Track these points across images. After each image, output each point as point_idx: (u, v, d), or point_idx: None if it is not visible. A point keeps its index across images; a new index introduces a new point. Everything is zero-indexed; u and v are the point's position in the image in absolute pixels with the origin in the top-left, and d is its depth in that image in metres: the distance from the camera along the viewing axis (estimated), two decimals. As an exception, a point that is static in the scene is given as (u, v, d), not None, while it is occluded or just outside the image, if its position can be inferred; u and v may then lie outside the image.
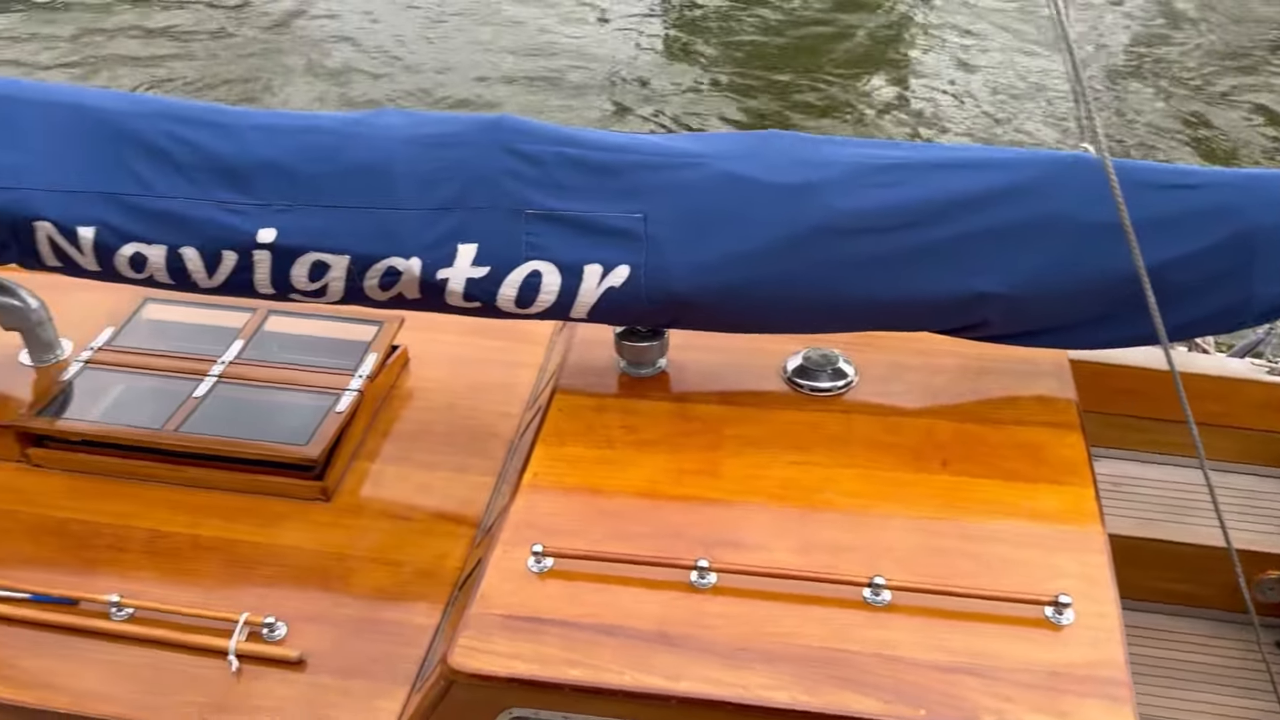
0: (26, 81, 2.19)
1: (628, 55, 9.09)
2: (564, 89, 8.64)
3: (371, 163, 2.02)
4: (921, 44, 9.10)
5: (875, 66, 8.74)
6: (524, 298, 2.03)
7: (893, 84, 8.48)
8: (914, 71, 8.64)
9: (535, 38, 9.44)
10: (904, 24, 9.50)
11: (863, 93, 8.38)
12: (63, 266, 2.13)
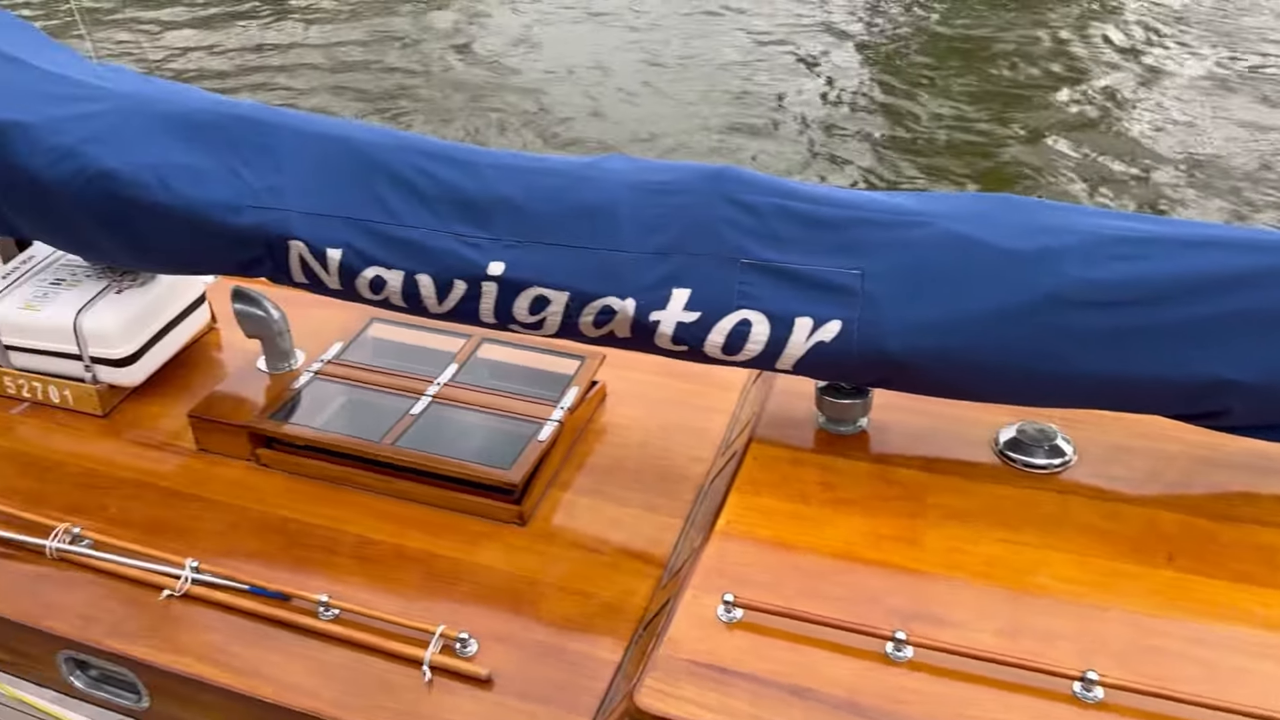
0: (292, 111, 2.38)
1: (837, 108, 9.08)
2: (772, 138, 8.72)
3: (597, 205, 2.09)
4: (1165, 107, 8.65)
5: (1105, 130, 8.39)
6: (732, 345, 2.04)
7: (1127, 151, 8.10)
8: (1153, 138, 8.22)
9: (746, 86, 9.59)
10: (1146, 82, 9.07)
11: (1091, 157, 8.04)
12: (309, 284, 2.30)
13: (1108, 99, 8.80)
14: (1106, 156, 7.92)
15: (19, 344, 2.69)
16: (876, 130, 8.63)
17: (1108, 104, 8.73)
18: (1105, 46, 9.97)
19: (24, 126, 2.29)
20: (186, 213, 2.21)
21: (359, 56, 10.74)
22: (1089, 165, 7.85)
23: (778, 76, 9.75)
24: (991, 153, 8.13)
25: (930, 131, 8.50)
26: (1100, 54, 9.77)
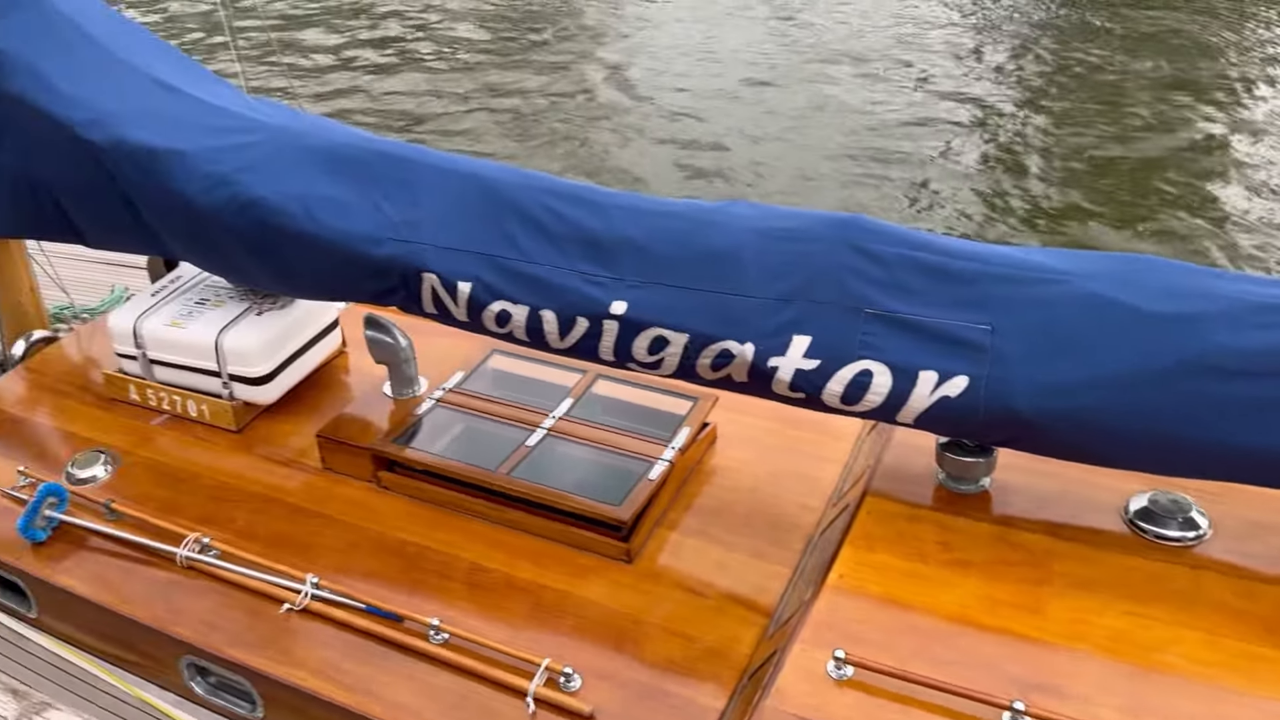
0: (430, 149, 2.48)
1: (970, 161, 8.94)
2: (900, 188, 8.64)
3: (722, 249, 2.10)
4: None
5: (1251, 194, 8.05)
6: (851, 395, 2.02)
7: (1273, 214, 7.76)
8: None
9: (877, 136, 9.53)
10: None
11: (1235, 221, 7.72)
12: (438, 314, 2.37)
13: (1262, 160, 8.44)
14: (1253, 219, 7.58)
15: (163, 359, 2.84)
16: (1010, 184, 8.47)
17: (1262, 166, 8.37)
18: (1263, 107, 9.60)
19: (182, 154, 2.44)
20: (329, 242, 2.31)
21: (494, 96, 11.09)
22: (1235, 227, 7.53)
23: (909, 126, 9.68)
24: (1132, 211, 7.88)
25: (1066, 187, 8.30)
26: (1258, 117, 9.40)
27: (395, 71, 11.83)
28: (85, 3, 2.77)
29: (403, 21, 13.75)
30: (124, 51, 2.64)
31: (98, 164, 2.52)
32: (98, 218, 2.73)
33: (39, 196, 2.77)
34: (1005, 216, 8.02)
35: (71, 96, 2.53)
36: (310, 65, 11.88)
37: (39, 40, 2.62)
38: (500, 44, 12.85)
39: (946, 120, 9.81)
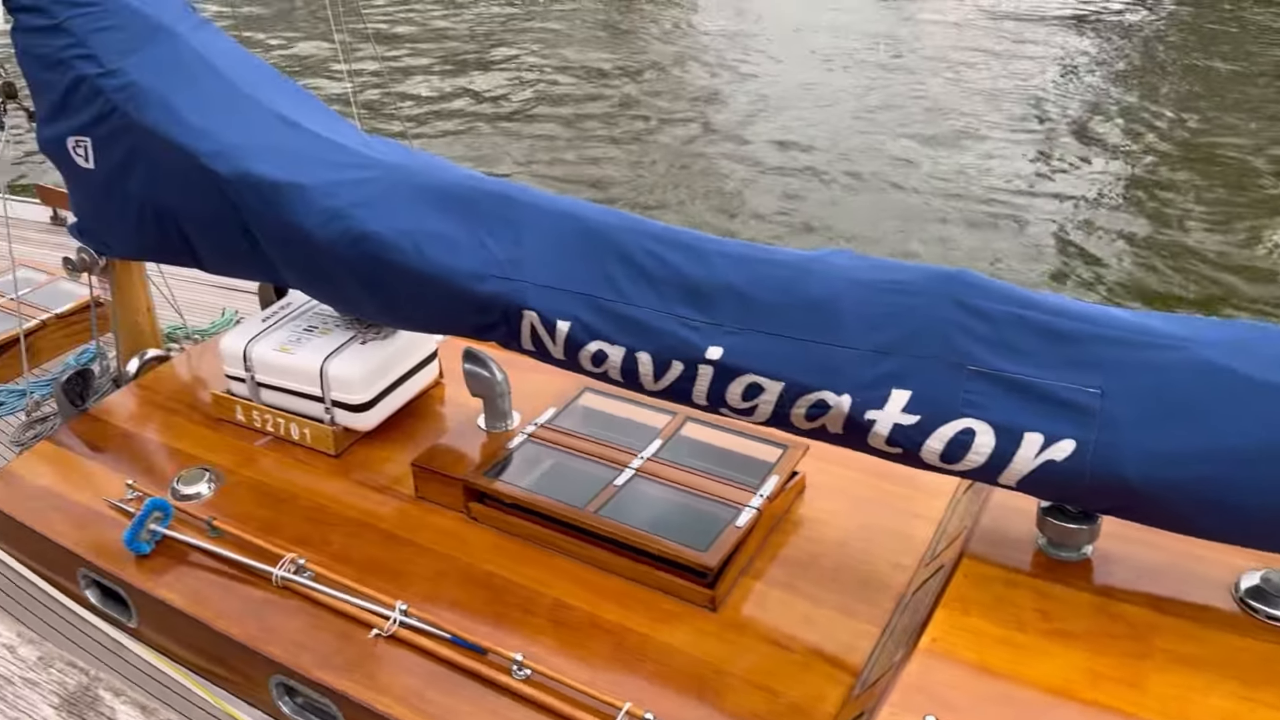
0: (536, 189, 2.53)
1: (1080, 219, 8.77)
2: (1008, 244, 8.50)
3: (821, 298, 2.09)
4: None
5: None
6: (951, 453, 1.98)
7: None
8: None
9: (985, 189, 9.42)
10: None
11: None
12: (535, 352, 2.41)
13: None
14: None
15: (270, 382, 2.94)
16: (1123, 245, 8.26)
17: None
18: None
19: (302, 188, 2.54)
20: (436, 277, 2.37)
21: (596, 141, 11.28)
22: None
23: (1016, 180, 9.53)
24: (1253, 276, 7.61)
25: (1183, 250, 8.05)
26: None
27: (502, 116, 12.13)
28: (215, 38, 2.92)
29: (511, 70, 14.12)
30: (250, 87, 2.77)
31: (221, 194, 2.64)
32: (217, 245, 2.85)
33: (163, 223, 2.91)
34: (1112, 277, 7.81)
35: (199, 129, 2.66)
36: (423, 111, 12.27)
37: (171, 74, 2.76)
38: (603, 93, 13.08)
39: (1058, 176, 9.64)
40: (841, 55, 13.81)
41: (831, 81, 12.73)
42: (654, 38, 15.51)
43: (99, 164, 2.89)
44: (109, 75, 2.74)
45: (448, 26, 16.18)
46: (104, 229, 3.10)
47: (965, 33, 14.85)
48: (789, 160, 10.30)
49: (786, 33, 15.24)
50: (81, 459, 2.94)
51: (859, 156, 10.30)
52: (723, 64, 13.78)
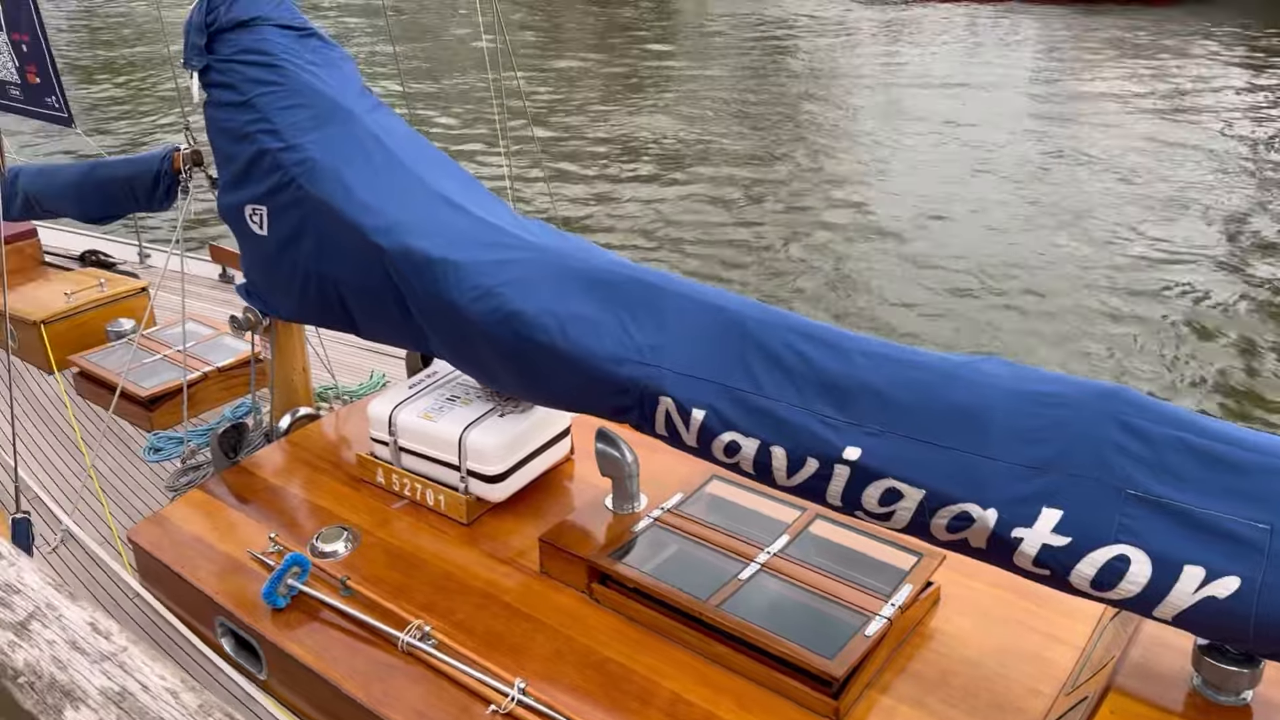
0: (679, 277, 2.56)
1: (1253, 337, 8.33)
2: (1172, 365, 8.14)
3: (969, 406, 2.03)
4: None
5: None
6: (1102, 580, 1.87)
7: None
8: None
9: (1150, 303, 9.09)
10: None
11: None
12: (668, 437, 2.41)
13: None
14: None
15: (411, 447, 3.03)
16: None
17: None
18: None
19: (456, 265, 2.64)
20: (577, 358, 2.42)
21: (741, 226, 11.42)
22: None
23: (1187, 298, 9.14)
24: None
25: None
26: None
27: (649, 199, 12.42)
28: (388, 119, 3.09)
29: (656, 153, 14.49)
30: (417, 167, 2.92)
31: (381, 266, 2.77)
32: (373, 313, 2.99)
33: (325, 289, 3.07)
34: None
35: (368, 204, 2.81)
36: (574, 195, 12.69)
37: (346, 152, 2.94)
38: (747, 181, 13.25)
39: (1230, 296, 9.18)
40: (996, 155, 13.64)
41: (984, 182, 12.57)
42: (804, 131, 15.68)
43: (272, 231, 3.09)
44: (289, 150, 2.94)
45: (602, 110, 16.77)
46: (270, 292, 3.29)
47: (1127, 134, 14.47)
48: (936, 259, 10.16)
49: (939, 129, 15.17)
50: (229, 509, 3.08)
51: (1012, 260, 10.07)
52: (873, 160, 13.79)
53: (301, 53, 3.07)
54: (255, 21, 3.06)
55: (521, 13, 26.30)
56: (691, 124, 15.65)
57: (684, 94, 17.83)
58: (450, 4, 27.86)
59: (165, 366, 4.47)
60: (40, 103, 4.67)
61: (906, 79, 18.89)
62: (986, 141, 14.34)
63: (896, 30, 24.25)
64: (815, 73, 19.74)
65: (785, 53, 21.71)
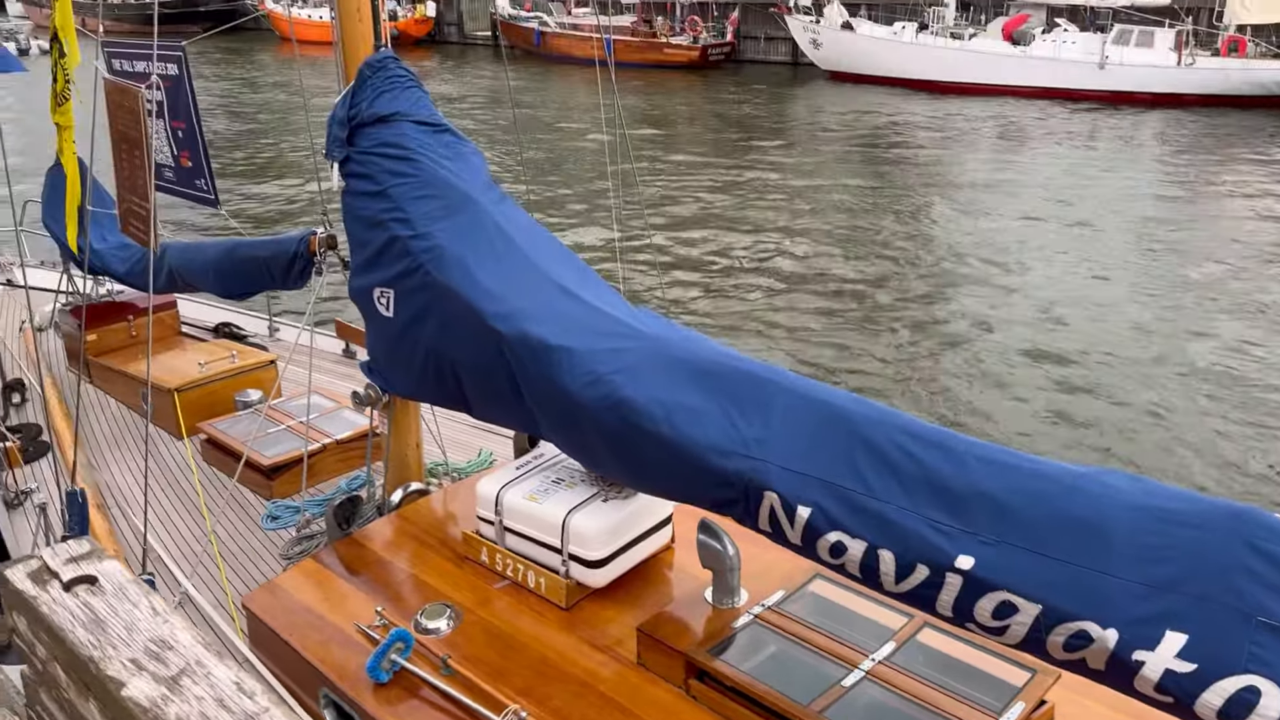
0: (788, 372, 2.57)
1: None
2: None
3: (1090, 520, 1.96)
4: None
5: None
6: (1230, 712, 1.75)
7: None
8: None
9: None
10: None
11: None
12: (771, 533, 2.39)
13: None
14: None
15: (516, 528, 3.07)
16: None
17: None
18: None
19: (570, 351, 2.71)
20: (682, 448, 2.44)
21: (849, 322, 11.36)
22: None
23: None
24: None
25: None
26: None
27: (758, 291, 12.49)
28: (513, 212, 3.23)
29: (767, 248, 14.62)
30: (538, 257, 3.03)
31: (498, 349, 2.86)
32: (487, 394, 3.08)
33: (443, 370, 3.18)
34: None
35: (490, 291, 2.92)
36: (686, 285, 12.87)
37: (472, 241, 3.07)
38: (857, 276, 13.22)
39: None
40: (1120, 258, 13.30)
41: (1109, 286, 12.25)
42: (918, 228, 15.62)
43: (397, 313, 3.22)
44: (419, 238, 3.09)
45: (715, 203, 17.05)
46: (391, 370, 3.42)
47: (1259, 234, 13.95)
48: (1055, 362, 9.89)
49: (1061, 231, 14.91)
50: (339, 579, 3.16)
51: (1140, 370, 9.74)
52: (990, 259, 13.60)
53: (435, 147, 3.24)
54: (394, 117, 3.25)
55: (641, 105, 27.12)
56: (803, 219, 15.76)
57: (797, 190, 18.01)
58: (572, 100, 28.96)
59: (287, 436, 4.66)
60: (191, 185, 5.02)
61: (1025, 179, 18.69)
62: (1112, 245, 14.01)
63: (1016, 131, 24.09)
64: (930, 171, 19.71)
65: (900, 149, 21.77)
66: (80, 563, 1.64)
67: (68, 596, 1.57)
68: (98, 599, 1.57)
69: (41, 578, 1.61)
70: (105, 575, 1.62)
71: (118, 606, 1.55)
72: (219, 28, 10.53)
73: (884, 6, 33.76)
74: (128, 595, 1.58)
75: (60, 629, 1.51)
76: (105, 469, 4.99)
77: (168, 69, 4.42)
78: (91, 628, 1.50)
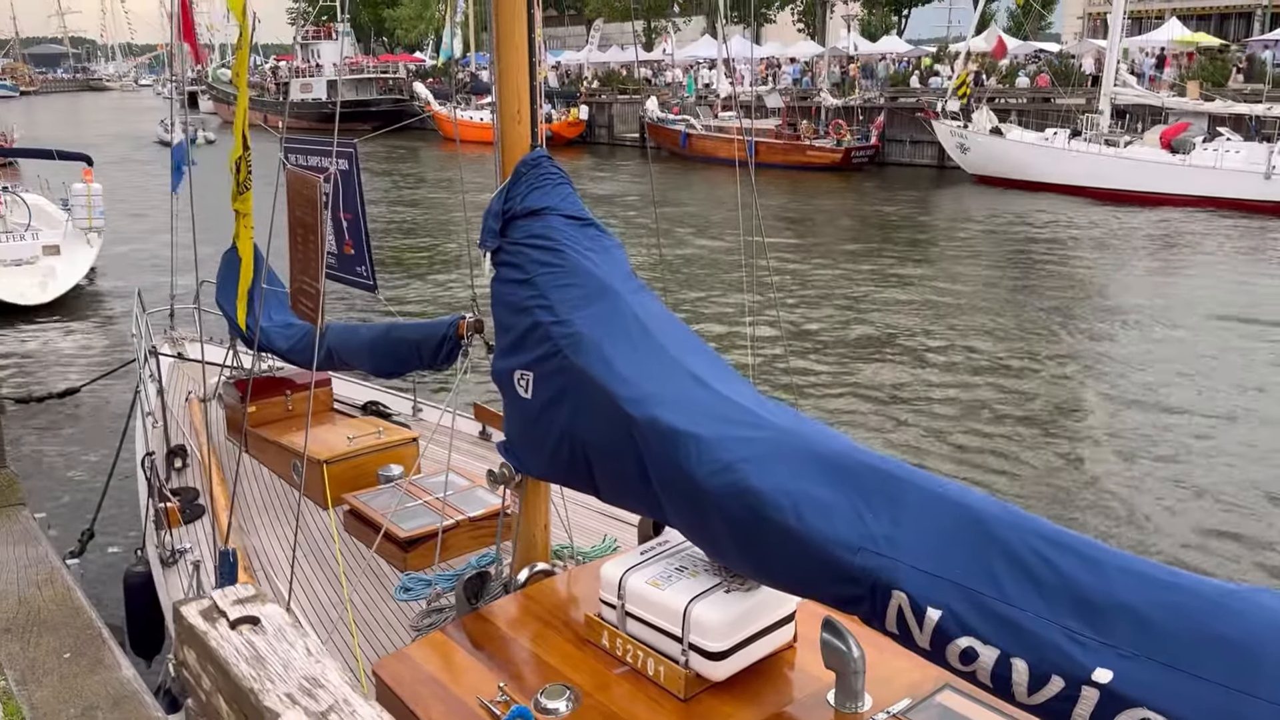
0: (920, 470, 2.53)
1: None
2: None
3: (1237, 640, 1.85)
4: None
5: None
6: None
7: None
8: None
9: None
10: None
11: None
12: (898, 635, 2.33)
13: None
14: None
15: (637, 614, 3.08)
16: None
17: None
18: None
19: (698, 438, 2.75)
20: (808, 541, 2.42)
21: (982, 427, 11.04)
22: None
23: None
24: None
25: None
26: None
27: (892, 390, 12.30)
28: (649, 301, 3.33)
29: (902, 346, 14.42)
30: (671, 345, 3.11)
31: (629, 434, 2.93)
32: (616, 477, 3.14)
33: (575, 451, 3.26)
34: None
35: (624, 377, 3.01)
36: (816, 381, 12.81)
37: (610, 328, 3.18)
38: (995, 381, 12.87)
39: None
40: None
41: (1265, 403, 11.52)
42: (1059, 337, 15.13)
43: (535, 395, 3.35)
44: (561, 324, 3.22)
45: (850, 301, 16.97)
46: (526, 450, 3.53)
47: None
48: (1203, 483, 9.32)
49: (1215, 347, 14.18)
50: (465, 654, 3.23)
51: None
52: (1133, 375, 13.02)
53: (580, 239, 3.40)
54: (545, 211, 3.44)
55: (781, 204, 27.42)
56: (940, 321, 15.47)
57: (937, 290, 17.74)
58: (713, 198, 29.55)
59: (424, 511, 4.83)
60: (353, 271, 5.36)
61: (1177, 291, 17.90)
62: (1269, 362, 13.20)
63: (1169, 238, 23.19)
64: (1074, 278, 19.12)
65: (1052, 254, 21.22)
66: (245, 604, 1.79)
67: (233, 634, 1.72)
68: (259, 638, 1.71)
69: (211, 615, 1.77)
70: (266, 617, 1.77)
71: (276, 645, 1.69)
72: (389, 127, 11.33)
73: (1035, 114, 33.38)
74: (285, 636, 1.72)
75: (226, 662, 1.65)
76: (254, 534, 5.26)
77: (339, 163, 4.79)
78: (253, 663, 1.64)
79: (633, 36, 60.86)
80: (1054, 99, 33.31)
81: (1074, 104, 31.43)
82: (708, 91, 43.59)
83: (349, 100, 51.71)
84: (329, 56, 58.28)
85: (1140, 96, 30.56)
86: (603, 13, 62.49)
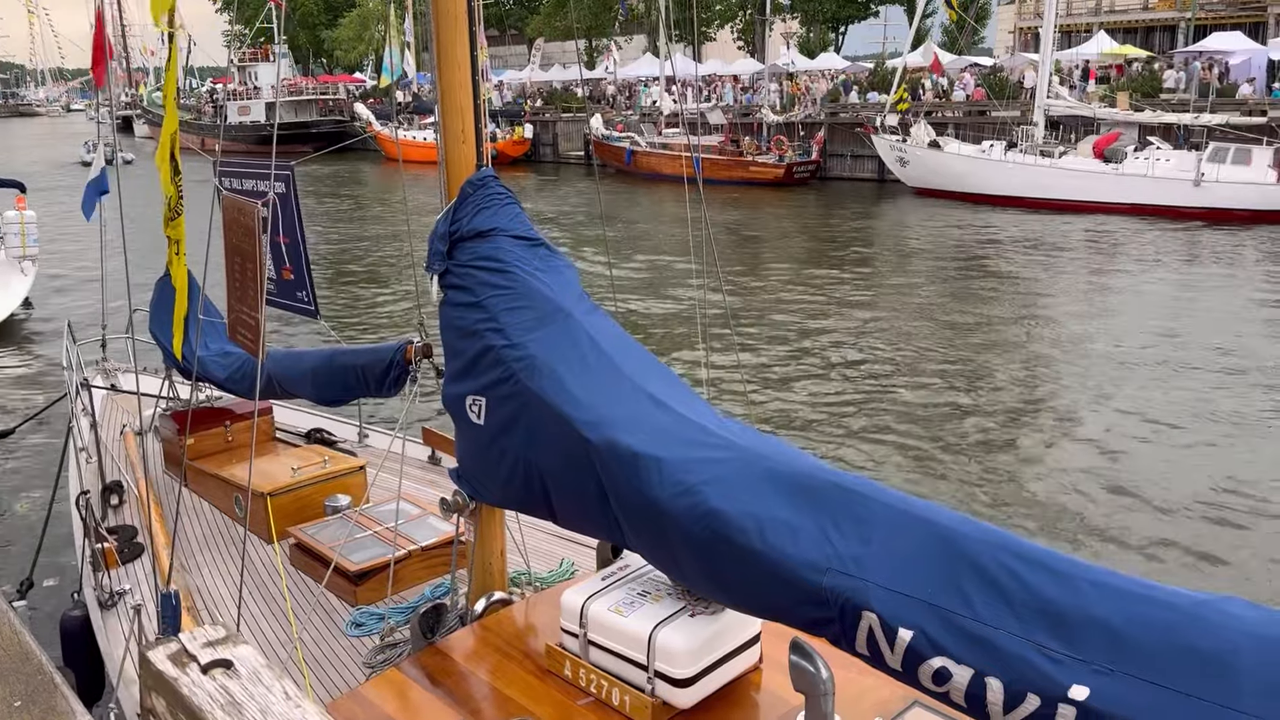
0: (887, 488, 2.49)
1: None
2: None
3: (1211, 651, 1.83)
4: None
5: None
6: None
7: None
8: None
9: None
10: None
11: None
12: (869, 657, 2.28)
13: None
14: None
15: (600, 642, 3.00)
16: None
17: None
18: None
19: (659, 461, 2.68)
20: (774, 563, 2.37)
21: (935, 439, 11.12)
22: None
23: None
24: None
25: None
26: None
27: (844, 403, 12.35)
28: (603, 322, 3.26)
29: (853, 359, 14.52)
30: (627, 367, 3.04)
31: (586, 458, 2.85)
32: (574, 502, 3.06)
33: (530, 476, 3.18)
34: None
35: (579, 400, 2.93)
36: (771, 393, 12.82)
37: (563, 351, 3.10)
38: (945, 388, 13.01)
39: None
40: (1220, 383, 12.80)
41: (1212, 404, 11.77)
42: (1004, 343, 15.36)
43: (488, 421, 3.25)
44: (513, 347, 3.14)
45: (800, 315, 17.07)
46: (480, 478, 3.43)
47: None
48: (1152, 487, 9.46)
49: (1156, 352, 14.48)
50: (421, 691, 3.12)
51: (1241, 491, 9.25)
52: (1079, 379, 13.24)
53: (530, 260, 3.33)
54: (493, 232, 3.35)
55: (726, 219, 27.55)
56: (890, 334, 15.62)
57: (885, 302, 17.92)
58: (660, 214, 29.61)
59: (373, 542, 4.68)
60: (292, 296, 5.21)
61: (1118, 298, 18.29)
62: (1211, 365, 13.51)
63: (1103, 245, 23.71)
64: (1015, 285, 19.45)
65: (990, 263, 21.58)
66: (216, 647, 1.69)
67: (205, 679, 1.62)
68: (234, 682, 1.61)
69: (181, 660, 1.66)
70: (240, 660, 1.67)
71: (253, 690, 1.60)
72: (329, 148, 11.12)
73: (971, 126, 33.98)
74: (261, 679, 1.62)
75: (200, 710, 1.55)
76: (196, 572, 5.07)
77: (276, 186, 4.66)
78: (229, 709, 1.54)
79: (576, 55, 61.00)
80: (989, 112, 33.95)
81: (1009, 116, 32.05)
82: (653, 109, 43.77)
83: (288, 122, 51.02)
84: (266, 79, 57.51)
85: (1073, 108, 31.26)
86: (544, 32, 62.55)
